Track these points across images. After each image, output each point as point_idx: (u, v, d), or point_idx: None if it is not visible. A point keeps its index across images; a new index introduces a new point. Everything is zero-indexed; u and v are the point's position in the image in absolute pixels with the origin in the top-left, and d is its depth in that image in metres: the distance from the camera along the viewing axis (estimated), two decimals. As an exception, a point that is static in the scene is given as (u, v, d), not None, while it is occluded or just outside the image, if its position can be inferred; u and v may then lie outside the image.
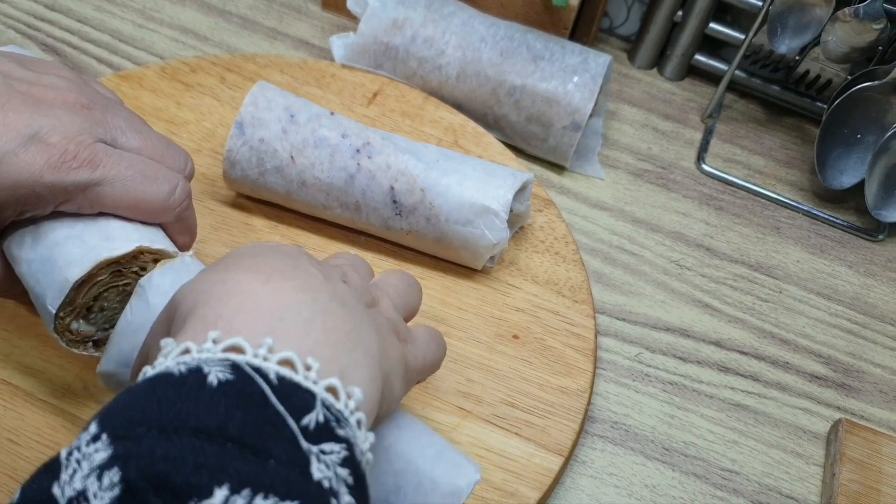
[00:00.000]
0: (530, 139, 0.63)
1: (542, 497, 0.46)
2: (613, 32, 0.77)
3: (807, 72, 0.69)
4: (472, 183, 0.52)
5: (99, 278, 0.37)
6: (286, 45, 0.71)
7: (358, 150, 0.52)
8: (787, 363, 0.57)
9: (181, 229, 0.42)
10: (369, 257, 0.55)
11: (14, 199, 0.36)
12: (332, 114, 0.54)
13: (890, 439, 0.53)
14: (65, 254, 0.37)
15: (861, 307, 0.62)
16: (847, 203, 0.68)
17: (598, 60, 0.62)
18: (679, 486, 0.51)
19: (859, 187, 0.64)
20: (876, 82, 0.62)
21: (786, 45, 0.63)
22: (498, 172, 0.53)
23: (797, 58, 0.68)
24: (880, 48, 0.62)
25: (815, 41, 0.63)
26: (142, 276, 0.38)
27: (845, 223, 0.67)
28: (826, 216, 0.67)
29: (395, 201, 0.52)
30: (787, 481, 0.52)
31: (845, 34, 0.60)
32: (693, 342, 0.57)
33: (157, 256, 0.39)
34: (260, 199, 0.55)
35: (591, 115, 0.63)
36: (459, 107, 0.64)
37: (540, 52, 0.62)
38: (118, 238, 0.38)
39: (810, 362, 0.58)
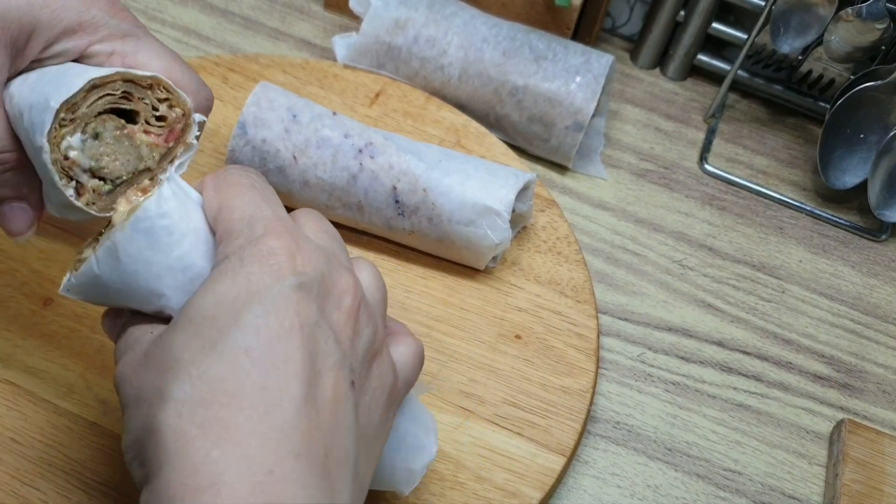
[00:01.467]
0: (533, 139, 0.63)
1: (544, 497, 0.46)
2: (616, 32, 0.77)
3: (809, 71, 0.69)
4: (474, 183, 0.52)
5: (111, 91, 0.37)
6: (288, 46, 0.71)
7: (360, 151, 0.52)
8: (790, 363, 0.57)
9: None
10: (371, 257, 0.55)
11: (53, 23, 0.36)
12: (334, 114, 0.54)
13: (893, 439, 0.53)
14: (78, 70, 0.37)
15: (864, 307, 0.61)
16: (850, 203, 0.68)
17: (600, 60, 0.62)
18: (682, 486, 0.51)
19: (862, 187, 0.64)
20: (879, 82, 0.62)
21: (788, 45, 0.63)
22: (500, 172, 0.53)
23: (800, 57, 0.68)
24: (883, 48, 0.62)
25: (818, 41, 0.63)
26: (151, 116, 0.37)
27: (848, 223, 0.66)
28: (829, 216, 0.67)
29: (397, 201, 0.52)
30: (789, 482, 0.52)
31: (848, 34, 0.60)
32: (696, 342, 0.57)
33: (172, 101, 0.38)
34: (262, 199, 0.55)
35: (593, 115, 0.63)
36: (462, 107, 0.64)
37: (542, 52, 0.62)
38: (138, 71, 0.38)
39: (813, 362, 0.58)
